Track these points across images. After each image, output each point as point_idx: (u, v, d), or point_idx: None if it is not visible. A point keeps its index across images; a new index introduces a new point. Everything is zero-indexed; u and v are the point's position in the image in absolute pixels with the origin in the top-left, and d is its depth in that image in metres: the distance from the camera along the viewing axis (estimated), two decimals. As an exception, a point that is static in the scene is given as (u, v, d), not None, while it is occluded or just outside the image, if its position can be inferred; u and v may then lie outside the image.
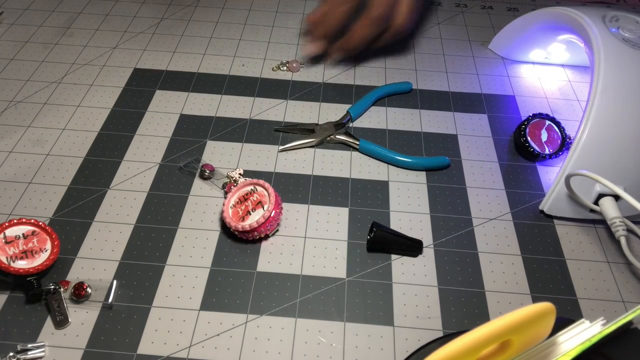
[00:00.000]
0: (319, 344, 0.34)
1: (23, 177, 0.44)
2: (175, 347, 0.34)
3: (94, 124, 0.48)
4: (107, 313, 0.36)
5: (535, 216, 0.43)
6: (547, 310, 0.24)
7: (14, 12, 0.61)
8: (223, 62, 0.56)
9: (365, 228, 0.41)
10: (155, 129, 0.48)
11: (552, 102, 0.52)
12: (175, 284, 0.37)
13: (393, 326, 0.35)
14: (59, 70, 0.54)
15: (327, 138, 0.47)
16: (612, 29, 0.43)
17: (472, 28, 0.62)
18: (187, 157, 0.46)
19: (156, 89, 0.52)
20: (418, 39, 0.60)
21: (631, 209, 0.35)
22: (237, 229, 0.38)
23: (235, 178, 0.42)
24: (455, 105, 0.52)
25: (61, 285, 0.36)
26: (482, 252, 0.40)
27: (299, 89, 0.53)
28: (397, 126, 0.49)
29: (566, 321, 0.28)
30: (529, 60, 0.57)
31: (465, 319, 0.36)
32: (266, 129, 0.49)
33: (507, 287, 0.38)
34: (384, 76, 0.55)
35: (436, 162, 0.45)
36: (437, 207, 0.43)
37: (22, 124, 0.48)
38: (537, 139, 0.46)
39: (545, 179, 0.45)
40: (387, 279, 0.38)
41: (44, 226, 0.37)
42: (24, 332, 0.34)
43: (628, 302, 0.37)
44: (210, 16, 0.62)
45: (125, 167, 0.45)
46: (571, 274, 0.39)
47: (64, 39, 0.58)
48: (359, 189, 0.44)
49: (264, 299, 0.37)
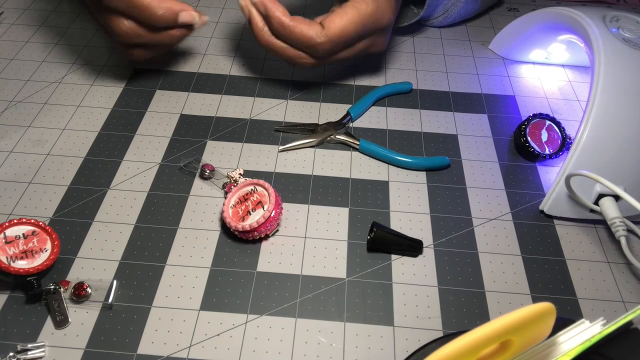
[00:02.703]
0: (319, 344, 0.34)
1: (23, 177, 0.44)
2: (175, 347, 0.34)
3: (94, 124, 0.48)
4: (107, 313, 0.36)
5: (535, 216, 0.43)
6: (547, 310, 0.24)
7: (14, 12, 0.61)
8: (223, 62, 0.56)
9: (365, 228, 0.41)
10: (155, 129, 0.48)
11: (552, 102, 0.52)
12: (175, 284, 0.37)
13: (393, 326, 0.35)
14: (59, 70, 0.54)
15: (327, 138, 0.47)
16: (612, 29, 0.43)
17: (472, 28, 0.62)
18: (187, 157, 0.46)
19: (156, 89, 0.52)
20: (418, 39, 0.60)
21: (631, 209, 0.35)
22: (237, 229, 0.38)
23: (236, 178, 0.42)
24: (456, 105, 0.52)
25: (61, 285, 0.36)
26: (482, 252, 0.40)
27: (299, 89, 0.53)
28: (397, 126, 0.49)
29: (566, 321, 0.28)
30: (529, 60, 0.57)
31: (465, 319, 0.36)
32: (266, 129, 0.49)
33: (507, 287, 0.38)
34: (384, 76, 0.55)
35: (436, 162, 0.45)
36: (437, 207, 0.43)
37: (22, 124, 0.48)
38: (537, 139, 0.46)
39: (545, 179, 0.45)
40: (387, 279, 0.38)
41: (44, 226, 0.37)
42: (24, 332, 0.34)
43: (628, 302, 0.37)
44: (210, 16, 0.62)
45: (125, 167, 0.45)
46: (571, 274, 0.39)
47: (64, 39, 0.58)
48: (359, 189, 0.44)
49: (264, 299, 0.37)
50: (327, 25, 0.43)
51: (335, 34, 0.44)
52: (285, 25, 0.43)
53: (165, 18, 0.44)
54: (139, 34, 0.46)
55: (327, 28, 0.43)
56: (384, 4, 0.45)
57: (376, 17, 0.45)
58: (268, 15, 0.43)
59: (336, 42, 0.44)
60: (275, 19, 0.42)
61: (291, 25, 0.43)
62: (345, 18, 0.44)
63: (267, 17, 0.43)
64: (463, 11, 0.59)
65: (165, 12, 0.44)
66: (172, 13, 0.44)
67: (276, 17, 0.42)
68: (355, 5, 0.44)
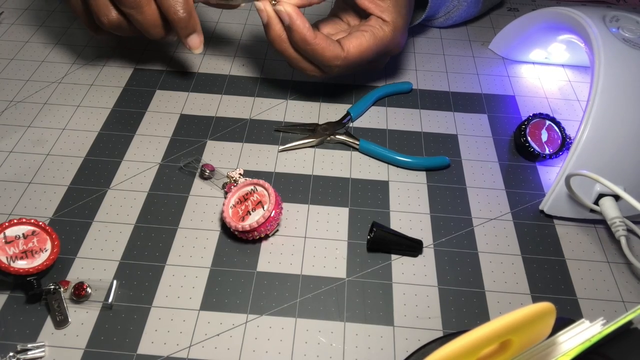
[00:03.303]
0: (319, 344, 0.34)
1: (23, 177, 0.44)
2: (175, 347, 0.34)
3: (94, 124, 0.48)
4: (107, 313, 0.36)
5: (535, 216, 0.43)
6: (547, 310, 0.24)
7: (14, 12, 0.61)
8: (223, 62, 0.56)
9: (365, 228, 0.41)
10: (155, 129, 0.48)
11: (552, 102, 0.52)
12: (175, 284, 0.37)
13: (393, 326, 0.35)
14: (59, 70, 0.54)
15: (327, 138, 0.47)
16: (612, 29, 0.43)
17: (472, 28, 0.62)
18: (187, 157, 0.46)
19: (156, 89, 0.52)
20: (418, 38, 0.60)
21: (631, 209, 0.35)
22: (237, 229, 0.38)
23: (235, 178, 0.42)
24: (456, 105, 0.52)
25: (61, 285, 0.36)
26: (482, 252, 0.40)
27: (299, 89, 0.53)
28: (397, 126, 0.49)
29: (566, 321, 0.28)
30: (529, 60, 0.57)
31: (465, 319, 0.36)
32: (266, 129, 0.49)
33: (507, 287, 0.38)
34: (384, 76, 0.55)
35: (436, 162, 0.45)
36: (437, 207, 0.43)
37: (22, 124, 0.48)
38: (537, 139, 0.46)
39: (545, 179, 0.45)
40: (387, 279, 0.38)
41: (44, 226, 0.37)
42: (24, 332, 0.34)
43: (628, 302, 0.37)
44: (211, 16, 0.62)
45: (125, 167, 0.45)
46: (571, 274, 0.39)
47: (64, 39, 0.58)
48: (359, 189, 0.44)
49: (264, 299, 0.37)
50: (347, 48, 0.44)
51: (353, 57, 0.44)
52: (308, 41, 0.42)
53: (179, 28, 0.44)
54: (122, 28, 0.45)
55: (347, 51, 0.44)
56: (399, 34, 0.47)
57: (390, 45, 0.47)
58: (292, 28, 0.42)
59: (351, 65, 0.45)
60: (299, 34, 0.42)
61: (314, 42, 0.42)
62: (365, 43, 0.44)
63: (289, 28, 0.43)
64: (464, 14, 0.59)
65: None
66: (187, 32, 0.45)
67: (300, 33, 0.42)
68: (373, 31, 0.45)
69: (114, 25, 0.45)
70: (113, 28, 0.45)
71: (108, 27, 0.45)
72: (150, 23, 0.44)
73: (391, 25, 0.45)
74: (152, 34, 0.45)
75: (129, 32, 0.46)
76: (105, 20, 0.44)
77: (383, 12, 0.45)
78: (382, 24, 0.45)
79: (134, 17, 0.43)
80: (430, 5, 0.56)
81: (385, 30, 0.45)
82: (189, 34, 0.45)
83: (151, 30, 0.45)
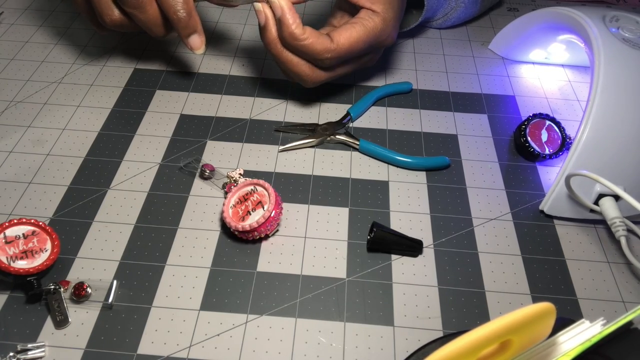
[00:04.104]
0: (319, 344, 0.34)
1: (23, 177, 0.44)
2: (175, 347, 0.34)
3: (94, 124, 0.48)
4: (107, 313, 0.36)
5: (535, 216, 0.43)
6: (547, 310, 0.24)
7: (14, 12, 0.61)
8: (223, 62, 0.56)
9: (365, 228, 0.41)
10: (155, 129, 0.48)
11: (552, 102, 0.52)
12: (175, 284, 0.37)
13: (393, 326, 0.35)
14: (59, 70, 0.54)
15: (327, 138, 0.47)
16: (612, 29, 0.43)
17: (472, 28, 0.62)
18: (187, 157, 0.46)
19: (156, 89, 0.52)
20: (418, 39, 0.60)
21: (631, 209, 0.35)
22: (237, 229, 0.38)
23: (235, 178, 0.42)
24: (455, 105, 0.52)
25: (61, 285, 0.36)
26: (482, 252, 0.40)
27: (299, 89, 0.53)
28: (397, 126, 0.49)
29: (566, 321, 0.28)
30: (529, 60, 0.57)
31: (465, 319, 0.36)
32: (266, 129, 0.49)
33: (507, 287, 0.38)
34: (384, 76, 0.55)
35: (436, 162, 0.45)
36: (437, 207, 0.43)
37: (22, 124, 0.48)
38: (537, 139, 0.46)
39: (545, 179, 0.45)
40: (387, 279, 0.38)
41: (44, 226, 0.37)
42: (24, 332, 0.34)
43: (628, 302, 0.37)
44: (211, 16, 0.62)
45: (125, 167, 0.45)
46: (571, 274, 0.39)
47: (64, 39, 0.58)
48: (359, 189, 0.44)
49: (264, 299, 0.37)
50: (336, 40, 0.44)
51: (343, 48, 0.44)
52: (297, 36, 0.43)
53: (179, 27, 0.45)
54: (125, 26, 0.46)
55: (337, 43, 0.44)
56: (390, 26, 0.46)
57: (382, 36, 0.46)
58: (281, 21, 0.42)
59: (342, 56, 0.45)
60: (288, 28, 0.42)
61: (302, 37, 0.43)
62: (355, 34, 0.44)
63: (279, 22, 0.43)
64: (462, 15, 0.59)
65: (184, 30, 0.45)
66: (187, 32, 0.45)
67: (289, 27, 0.42)
68: (363, 22, 0.45)
69: (116, 24, 0.46)
70: (116, 27, 0.46)
71: (111, 26, 0.46)
72: (152, 22, 0.45)
73: (381, 15, 0.45)
74: (155, 32, 0.46)
75: (132, 29, 0.47)
76: (108, 19, 0.45)
77: (373, 4, 0.45)
78: (372, 15, 0.45)
79: (136, 17, 0.44)
80: (428, 7, 0.56)
81: (375, 21, 0.45)
82: (190, 34, 0.45)
83: (153, 29, 0.45)
